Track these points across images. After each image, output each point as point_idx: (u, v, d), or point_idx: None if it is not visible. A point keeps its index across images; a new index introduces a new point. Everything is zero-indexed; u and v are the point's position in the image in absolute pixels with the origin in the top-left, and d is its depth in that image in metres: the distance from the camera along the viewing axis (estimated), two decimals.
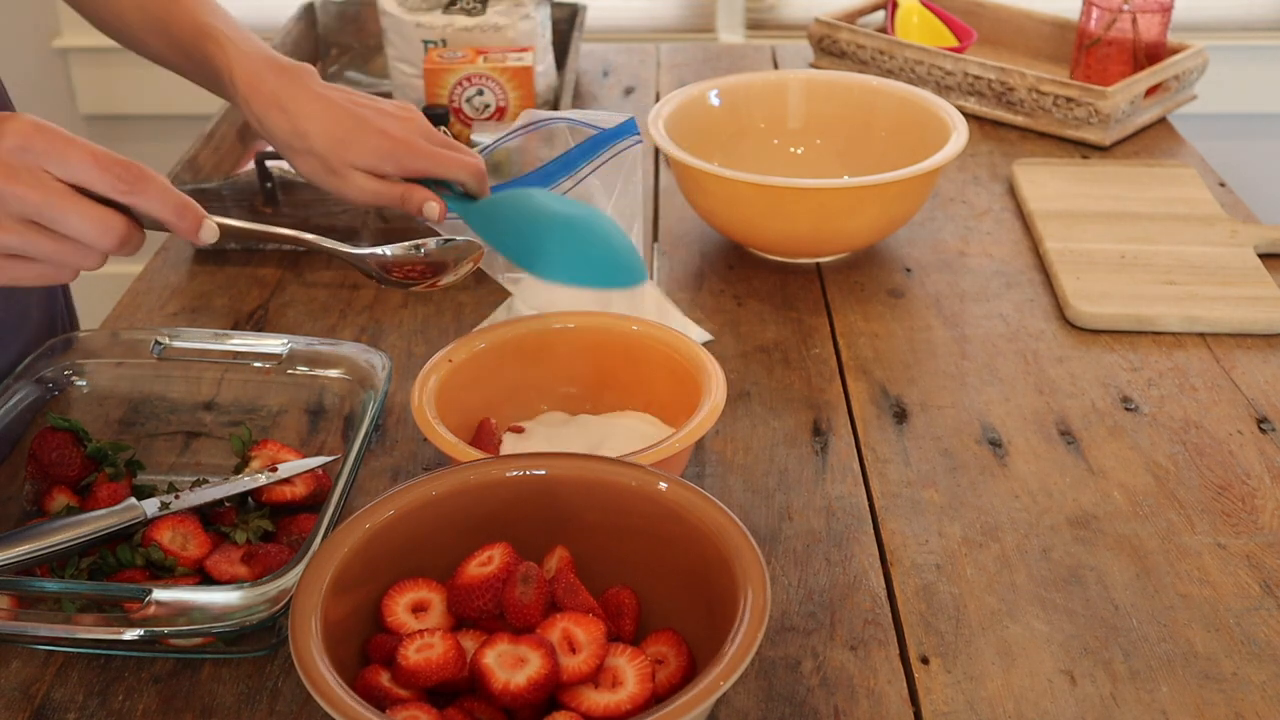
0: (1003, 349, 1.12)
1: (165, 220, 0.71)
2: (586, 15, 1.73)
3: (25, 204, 0.65)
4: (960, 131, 1.22)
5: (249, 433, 0.92)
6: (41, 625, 0.75)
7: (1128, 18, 1.51)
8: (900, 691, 0.78)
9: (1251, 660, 0.80)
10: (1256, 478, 0.96)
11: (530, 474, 0.78)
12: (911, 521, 0.92)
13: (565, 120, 1.04)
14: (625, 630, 0.74)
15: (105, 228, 0.67)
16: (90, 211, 0.67)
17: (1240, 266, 1.21)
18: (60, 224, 0.66)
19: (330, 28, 1.71)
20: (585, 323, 0.98)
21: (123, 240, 0.69)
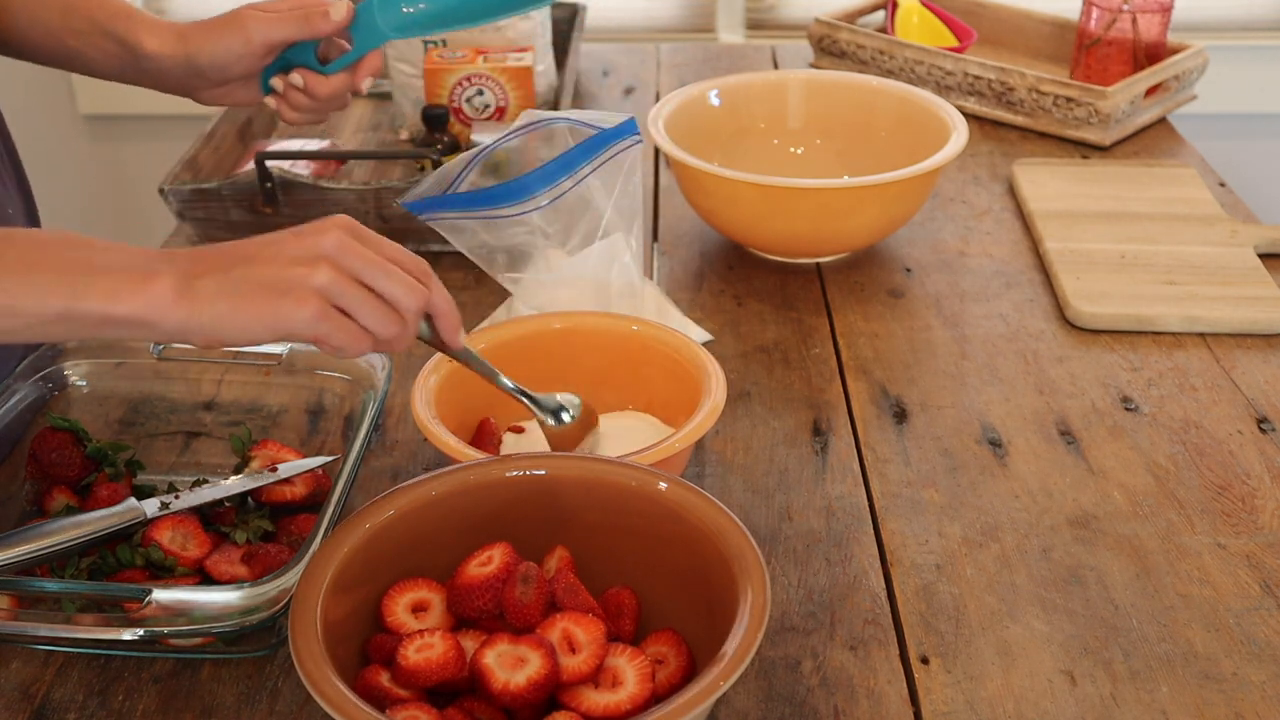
0: (1003, 349, 1.12)
1: (442, 312, 0.79)
2: (586, 15, 1.73)
3: (356, 261, 0.72)
4: (960, 131, 1.22)
5: (249, 433, 0.92)
6: (41, 625, 0.75)
7: (1128, 18, 1.51)
8: (900, 691, 0.78)
9: (1251, 660, 0.80)
10: (1256, 478, 0.96)
11: (530, 474, 0.78)
12: (911, 521, 0.92)
13: (565, 120, 1.04)
14: (625, 630, 0.74)
15: (412, 290, 0.75)
16: (404, 276, 0.75)
17: (1240, 266, 1.21)
18: (381, 282, 0.73)
19: None
20: (585, 323, 0.98)
21: (418, 312, 0.76)
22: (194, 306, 0.70)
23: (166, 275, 0.70)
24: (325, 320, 0.71)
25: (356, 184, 1.24)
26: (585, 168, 1.01)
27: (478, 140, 1.32)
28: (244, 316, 0.70)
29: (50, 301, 0.69)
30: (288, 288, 0.71)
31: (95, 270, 0.70)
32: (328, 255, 0.72)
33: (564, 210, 1.02)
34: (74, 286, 0.69)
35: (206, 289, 0.70)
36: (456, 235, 1.01)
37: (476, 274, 1.21)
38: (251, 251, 0.72)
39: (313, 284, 0.71)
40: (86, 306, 0.69)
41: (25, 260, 0.69)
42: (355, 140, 1.53)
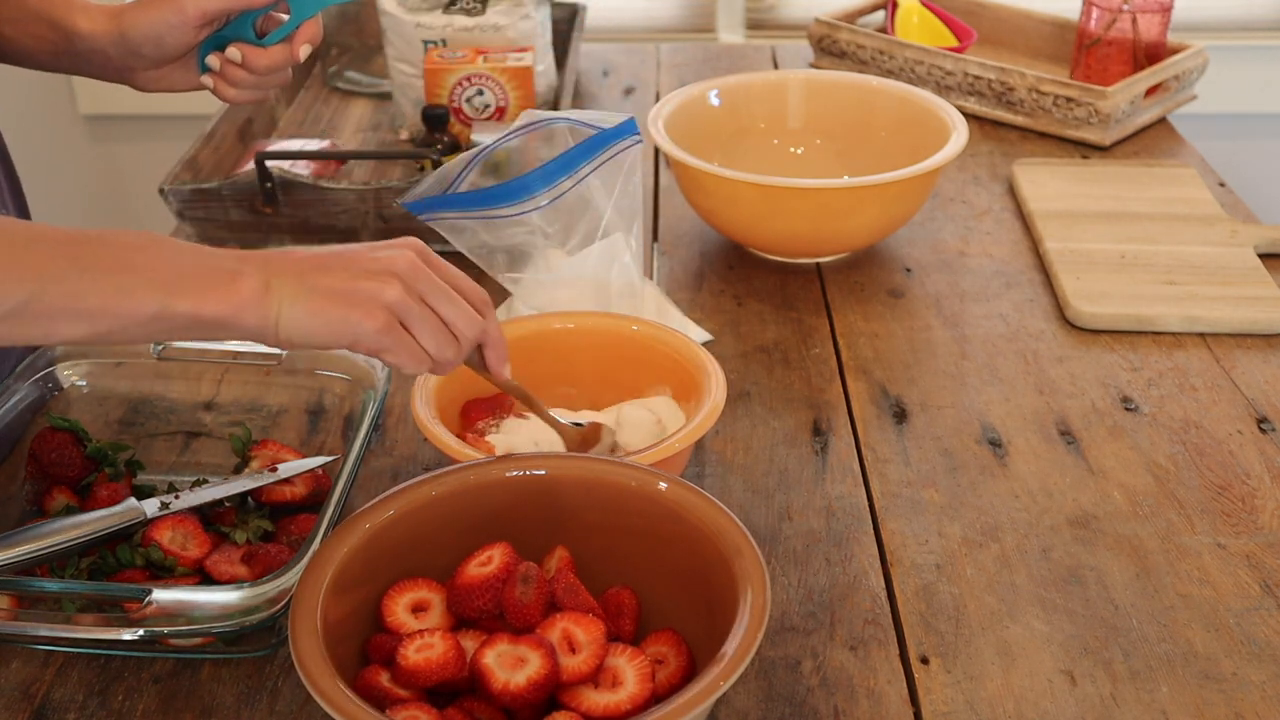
0: (1003, 349, 1.12)
1: (493, 342, 0.80)
2: (586, 15, 1.73)
3: (425, 283, 0.75)
4: (960, 131, 1.22)
5: (249, 433, 0.92)
6: (41, 625, 0.75)
7: (1128, 18, 1.51)
8: (900, 691, 0.78)
9: (1251, 660, 0.80)
10: (1256, 478, 0.96)
11: (530, 474, 0.78)
12: (911, 521, 0.92)
13: (565, 120, 1.04)
14: (625, 630, 0.74)
15: (471, 319, 0.77)
16: (465, 305, 0.77)
17: (1240, 266, 1.21)
18: (444, 306, 0.76)
19: (330, 28, 1.72)
20: (585, 323, 0.98)
21: (474, 340, 0.78)
22: (273, 307, 0.72)
23: (249, 278, 0.72)
24: (390, 334, 0.74)
25: (356, 184, 1.24)
26: (585, 168, 1.01)
27: (478, 140, 1.32)
28: (316, 321, 0.73)
29: (146, 303, 0.70)
30: (360, 299, 0.73)
31: (183, 273, 0.71)
32: (399, 273, 0.74)
33: (564, 210, 1.02)
34: (168, 288, 0.70)
35: (285, 291, 0.73)
36: (456, 235, 1.01)
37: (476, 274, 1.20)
38: (328, 260, 0.75)
39: (384, 298, 0.73)
40: (178, 308, 0.71)
41: (117, 261, 0.71)
42: (355, 140, 1.53)
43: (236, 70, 0.96)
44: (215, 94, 0.99)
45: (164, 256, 0.72)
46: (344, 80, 1.67)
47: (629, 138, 1.03)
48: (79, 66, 0.99)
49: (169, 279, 0.71)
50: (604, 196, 1.03)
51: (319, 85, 1.67)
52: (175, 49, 0.96)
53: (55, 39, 0.98)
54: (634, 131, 1.03)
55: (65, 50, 0.98)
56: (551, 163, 1.01)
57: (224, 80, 0.97)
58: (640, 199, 1.05)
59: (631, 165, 1.04)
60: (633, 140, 1.03)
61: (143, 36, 0.95)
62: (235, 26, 0.96)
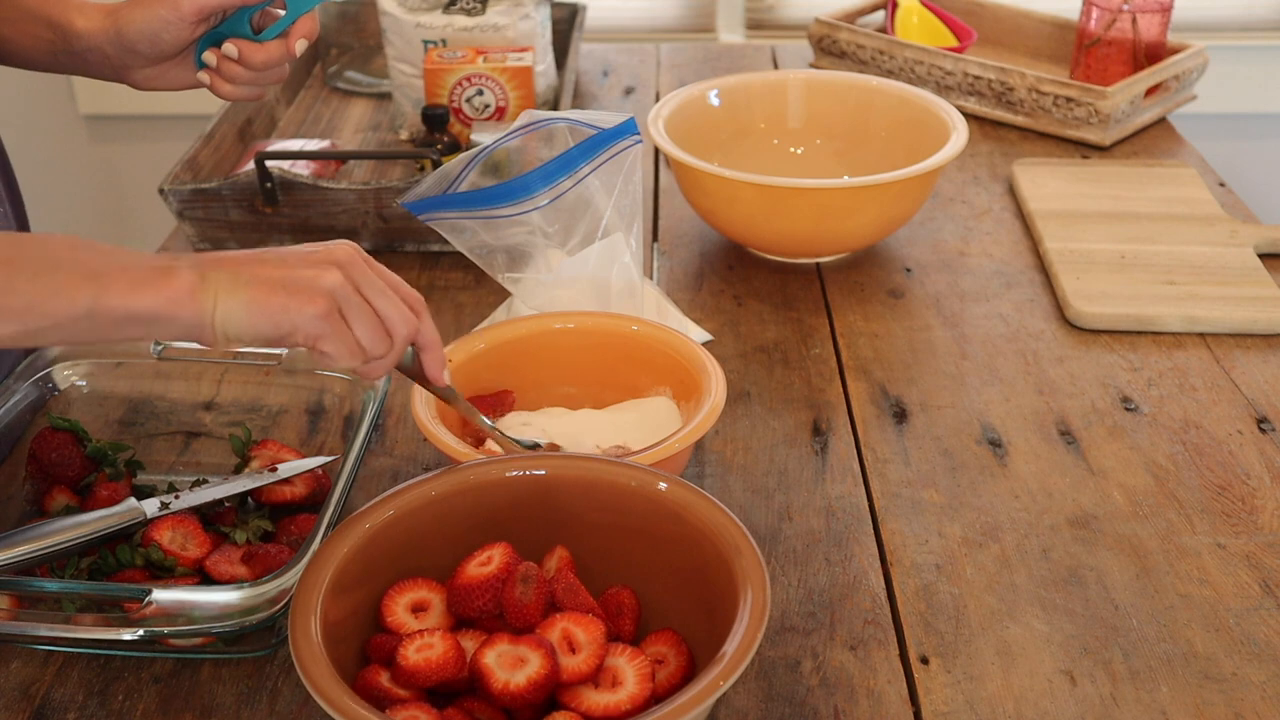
0: (1003, 349, 1.12)
1: (430, 344, 0.80)
2: (586, 15, 1.73)
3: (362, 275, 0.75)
4: (960, 131, 1.22)
5: (249, 433, 0.92)
6: (41, 625, 0.75)
7: (1128, 18, 1.51)
8: (900, 691, 0.78)
9: (1251, 660, 0.80)
10: (1256, 478, 0.96)
11: (530, 474, 0.78)
12: (911, 521, 0.92)
13: (565, 120, 1.04)
14: (625, 630, 0.74)
15: (406, 317, 0.77)
16: (398, 300, 0.77)
17: (1240, 266, 1.21)
18: (380, 300, 0.75)
19: (330, 28, 1.71)
20: (585, 323, 0.98)
21: (407, 338, 0.77)
22: (208, 300, 0.72)
23: (184, 271, 0.72)
24: (328, 320, 0.73)
25: (356, 184, 1.24)
26: (585, 167, 1.01)
27: (478, 140, 1.32)
28: (254, 310, 0.72)
29: (76, 299, 0.70)
30: (299, 286, 0.73)
31: (115, 269, 0.71)
32: (338, 262, 0.74)
33: (564, 210, 1.02)
34: (98, 283, 0.70)
35: (221, 283, 0.72)
36: (456, 235, 1.01)
37: (476, 274, 1.21)
38: (264, 254, 0.75)
39: (323, 284, 0.73)
40: (109, 302, 0.70)
41: (46, 261, 0.70)
42: (355, 140, 1.53)
43: (233, 67, 0.96)
44: (212, 90, 0.98)
45: (95, 254, 0.71)
46: (344, 80, 1.67)
47: (629, 138, 1.03)
48: (76, 66, 0.99)
49: (100, 275, 0.70)
50: (604, 196, 1.03)
51: (319, 85, 1.67)
52: (172, 46, 0.95)
53: (53, 38, 0.98)
54: (634, 131, 1.03)
55: (63, 49, 0.98)
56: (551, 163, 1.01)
57: (221, 77, 0.97)
58: (640, 199, 1.05)
59: (631, 165, 1.04)
60: (633, 140, 1.03)
61: (139, 34, 0.95)
62: (231, 23, 0.96)
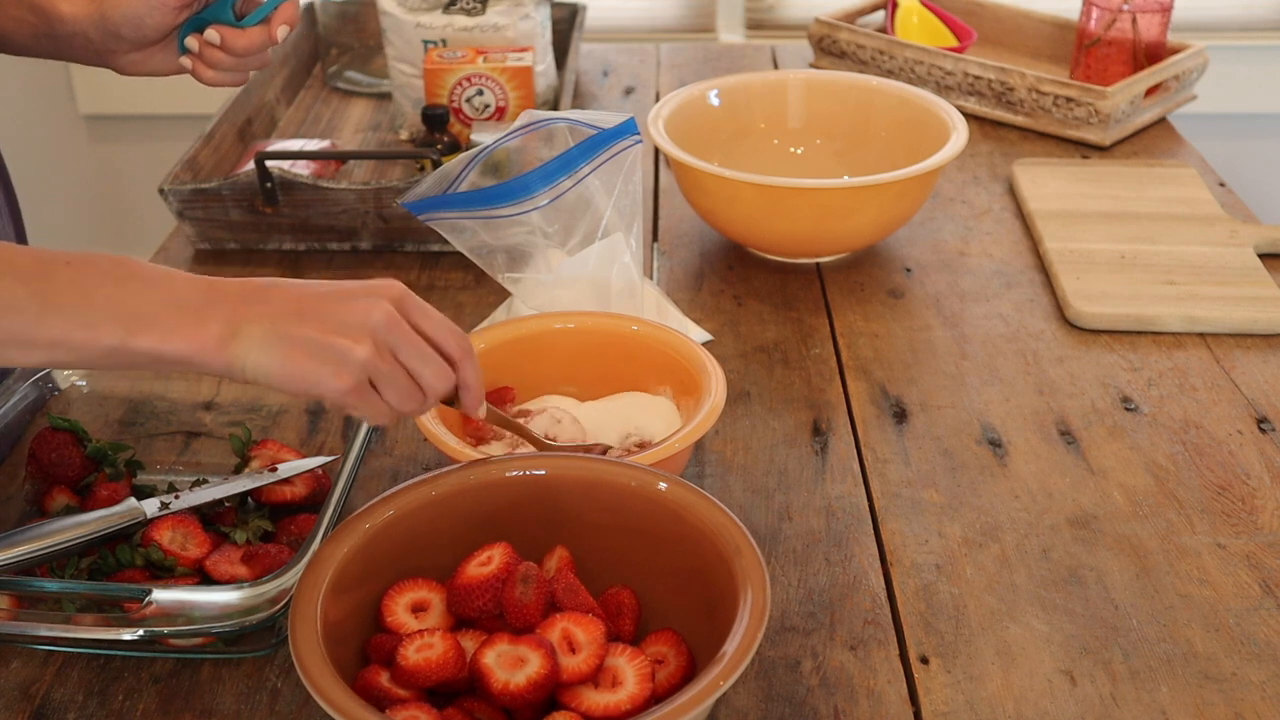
0: (1003, 349, 1.12)
1: (468, 386, 0.78)
2: (586, 15, 1.73)
3: (398, 338, 0.74)
4: (960, 131, 1.22)
5: (249, 433, 0.92)
6: (41, 625, 0.75)
7: (1128, 18, 1.51)
8: (900, 691, 0.78)
9: (1251, 660, 0.80)
10: (1256, 478, 0.96)
11: (530, 474, 0.78)
12: (911, 521, 0.92)
13: (565, 120, 1.04)
14: (625, 630, 0.74)
15: (443, 376, 0.76)
16: (437, 361, 0.76)
17: (1240, 266, 1.21)
18: (414, 363, 0.74)
19: (330, 28, 1.72)
20: (585, 323, 0.98)
21: (441, 394, 0.76)
22: (238, 353, 0.71)
23: (215, 320, 0.71)
24: (356, 393, 0.73)
25: (356, 184, 1.24)
26: (585, 167, 1.01)
27: (478, 140, 1.32)
28: (283, 372, 0.72)
29: (104, 338, 0.69)
30: (329, 357, 0.72)
31: (146, 310, 0.70)
32: (373, 330, 0.73)
33: (564, 210, 1.02)
34: (127, 325, 0.70)
35: (253, 337, 0.71)
36: (456, 235, 1.01)
37: (476, 274, 1.21)
38: (301, 305, 0.73)
39: (354, 358, 0.72)
40: (138, 345, 0.70)
41: (80, 294, 0.70)
42: (355, 140, 1.53)
43: (215, 52, 0.96)
44: (194, 76, 0.98)
45: (130, 289, 0.71)
46: (344, 80, 1.67)
47: (629, 138, 1.03)
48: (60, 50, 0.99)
49: (131, 315, 0.70)
50: (604, 196, 1.03)
51: (319, 85, 1.67)
52: (155, 31, 0.95)
53: (35, 22, 0.97)
54: (634, 131, 1.03)
55: (45, 33, 0.98)
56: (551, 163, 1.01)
57: (203, 62, 0.97)
58: (640, 199, 1.05)
59: (631, 165, 1.04)
60: (632, 140, 1.03)
61: (123, 18, 0.94)
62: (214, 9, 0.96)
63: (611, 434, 0.93)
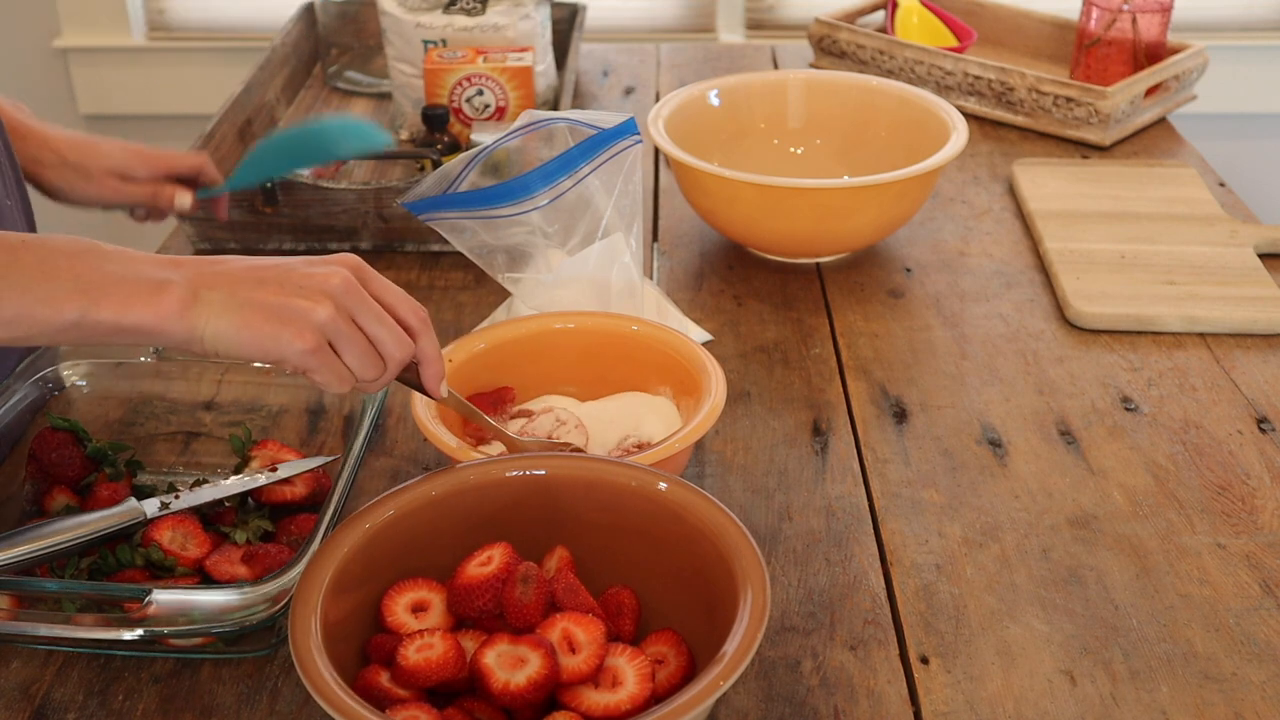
0: (1003, 349, 1.12)
1: (428, 359, 0.79)
2: (586, 15, 1.73)
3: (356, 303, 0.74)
4: (960, 131, 1.22)
5: (249, 433, 0.92)
6: (41, 625, 0.75)
7: (1128, 18, 1.51)
8: (900, 691, 0.78)
9: (1251, 660, 0.80)
10: (1256, 478, 0.96)
11: (530, 474, 0.78)
12: (911, 521, 0.92)
13: (565, 120, 1.04)
14: (625, 630, 0.74)
15: (402, 344, 0.76)
16: (395, 327, 0.76)
17: (1240, 266, 1.21)
18: (373, 327, 0.75)
19: (330, 28, 1.71)
20: (585, 323, 0.98)
21: (402, 361, 0.77)
22: (199, 320, 0.72)
23: (176, 288, 0.72)
24: (317, 355, 0.74)
25: (356, 184, 1.24)
26: (585, 167, 1.01)
27: (478, 140, 1.32)
28: (243, 336, 0.72)
29: (65, 310, 0.70)
30: (290, 317, 0.73)
31: (108, 281, 0.71)
32: (332, 292, 0.74)
33: (564, 210, 1.02)
34: (88, 296, 0.70)
35: (213, 303, 0.72)
36: (456, 235, 1.01)
37: (476, 274, 1.21)
38: (261, 273, 0.74)
39: (314, 319, 0.73)
40: (99, 316, 0.71)
41: (41, 268, 0.71)
42: None
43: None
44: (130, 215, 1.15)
45: (89, 263, 0.71)
46: (344, 80, 1.67)
47: (629, 138, 1.03)
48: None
49: (91, 288, 0.70)
50: (604, 196, 1.03)
51: (319, 85, 1.67)
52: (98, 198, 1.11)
53: None
54: (634, 131, 1.03)
55: None
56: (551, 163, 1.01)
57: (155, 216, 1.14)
58: (640, 199, 1.05)
59: (631, 165, 1.04)
60: (632, 140, 1.03)
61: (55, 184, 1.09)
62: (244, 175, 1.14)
63: (611, 434, 0.93)
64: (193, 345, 0.72)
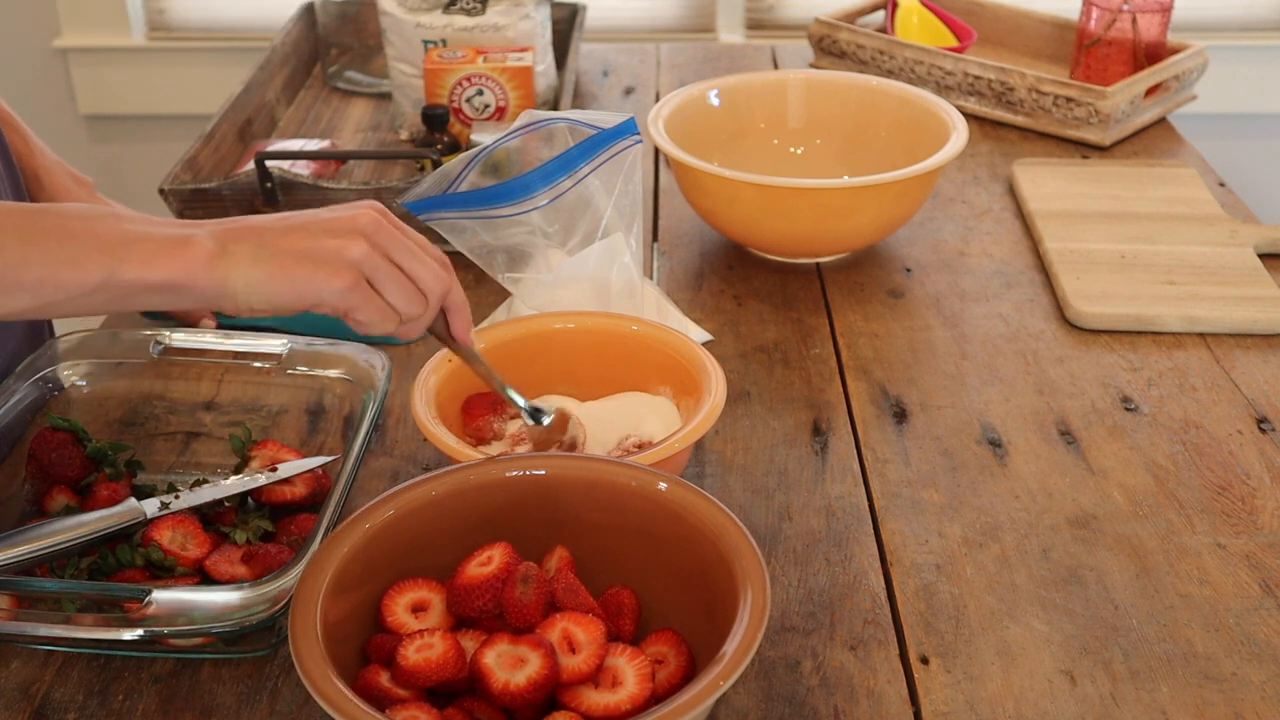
0: (1003, 349, 1.12)
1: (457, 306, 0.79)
2: (586, 15, 1.73)
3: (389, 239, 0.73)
4: (960, 131, 1.22)
5: (249, 433, 0.92)
6: (41, 625, 0.75)
7: (1128, 18, 1.51)
8: (900, 691, 0.78)
9: (1251, 660, 0.80)
10: (1256, 478, 0.96)
11: (530, 474, 0.78)
12: (911, 521, 0.92)
13: (565, 120, 1.04)
14: (625, 630, 0.74)
15: (437, 274, 0.76)
16: (430, 261, 0.76)
17: (1240, 266, 1.21)
18: (409, 262, 0.74)
19: (330, 28, 1.71)
20: (585, 323, 0.98)
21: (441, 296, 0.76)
22: (229, 270, 0.70)
23: (202, 240, 0.70)
24: (357, 292, 0.72)
25: (356, 184, 1.24)
26: (585, 167, 1.01)
27: (478, 140, 1.32)
28: (278, 282, 0.71)
29: (91, 270, 0.68)
30: (324, 258, 0.71)
31: (131, 239, 0.69)
32: (363, 230, 0.73)
33: (564, 210, 1.02)
34: (113, 254, 0.69)
35: (243, 254, 0.71)
36: (456, 235, 1.01)
37: (476, 274, 1.20)
38: (285, 221, 0.73)
39: (349, 256, 0.71)
40: (125, 274, 0.69)
41: (62, 230, 0.69)
42: (355, 140, 1.53)
43: None
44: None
45: (112, 223, 0.70)
46: (344, 80, 1.67)
47: (629, 138, 1.03)
48: None
49: (115, 245, 0.69)
50: (604, 196, 1.03)
51: (319, 85, 1.67)
52: None
53: None
54: (634, 131, 1.03)
55: None
56: (551, 163, 1.01)
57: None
58: (640, 199, 1.05)
59: (631, 165, 1.04)
60: (632, 140, 1.03)
61: None
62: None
63: (611, 434, 0.93)
64: (224, 300, 0.71)
